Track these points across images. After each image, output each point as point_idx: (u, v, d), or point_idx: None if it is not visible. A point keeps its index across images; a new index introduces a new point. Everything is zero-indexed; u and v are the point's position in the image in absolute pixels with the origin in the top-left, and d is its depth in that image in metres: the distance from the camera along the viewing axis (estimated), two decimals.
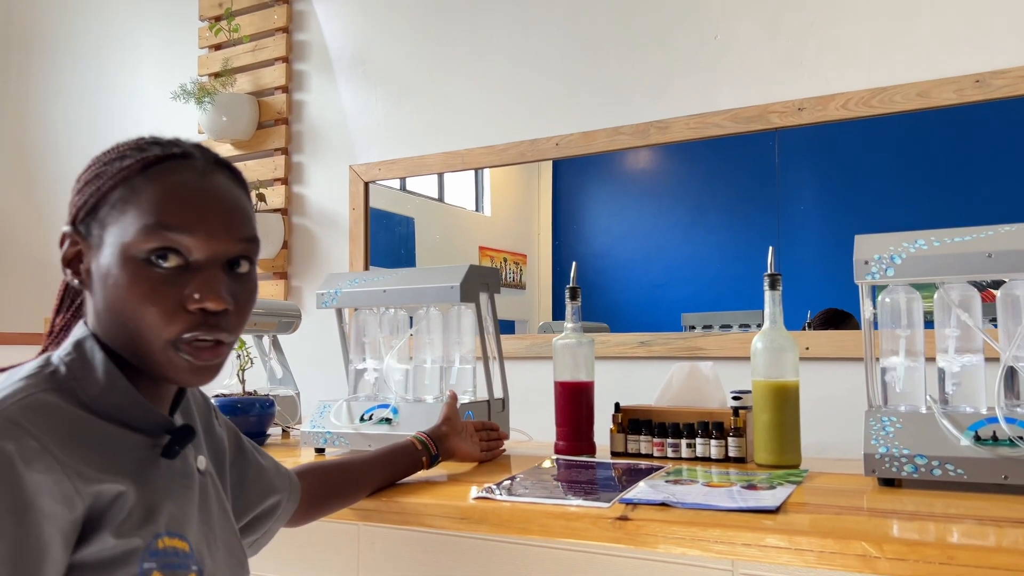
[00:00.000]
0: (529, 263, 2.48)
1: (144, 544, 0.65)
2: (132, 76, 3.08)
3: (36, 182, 3.29)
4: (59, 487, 0.60)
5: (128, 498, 0.64)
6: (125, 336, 0.70)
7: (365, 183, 2.54)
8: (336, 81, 2.62)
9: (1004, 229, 0.92)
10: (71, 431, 0.64)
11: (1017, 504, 0.86)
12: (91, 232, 0.72)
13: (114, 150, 0.76)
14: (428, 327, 1.33)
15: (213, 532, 0.75)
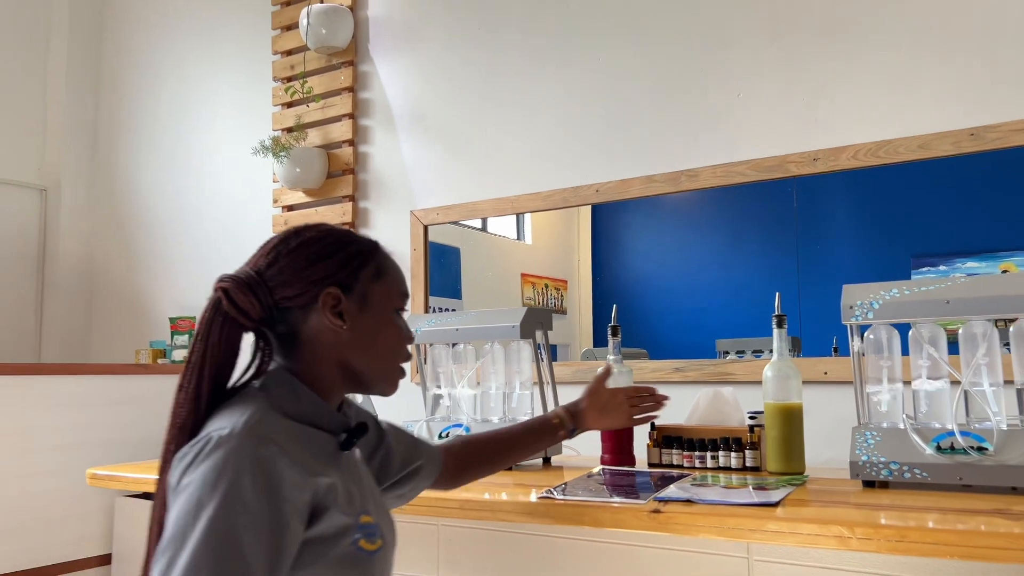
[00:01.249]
0: (570, 288, 2.64)
1: (353, 521, 0.89)
2: (211, 131, 3.43)
3: (127, 229, 3.65)
4: (295, 479, 0.83)
5: (337, 486, 0.89)
6: (340, 366, 0.96)
7: (424, 226, 2.82)
8: (397, 135, 2.92)
9: (960, 281, 1.15)
10: (291, 436, 0.88)
11: (968, 499, 1.09)
12: (354, 288, 0.97)
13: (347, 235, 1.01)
14: (493, 359, 1.60)
15: (376, 502, 0.99)
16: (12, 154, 3.62)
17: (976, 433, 1.12)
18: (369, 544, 0.90)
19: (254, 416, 0.87)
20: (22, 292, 3.61)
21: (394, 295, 0.98)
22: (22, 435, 2.71)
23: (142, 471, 1.70)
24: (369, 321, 0.95)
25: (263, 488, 0.81)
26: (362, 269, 0.97)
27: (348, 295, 0.95)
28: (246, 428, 0.84)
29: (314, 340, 0.95)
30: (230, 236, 3.31)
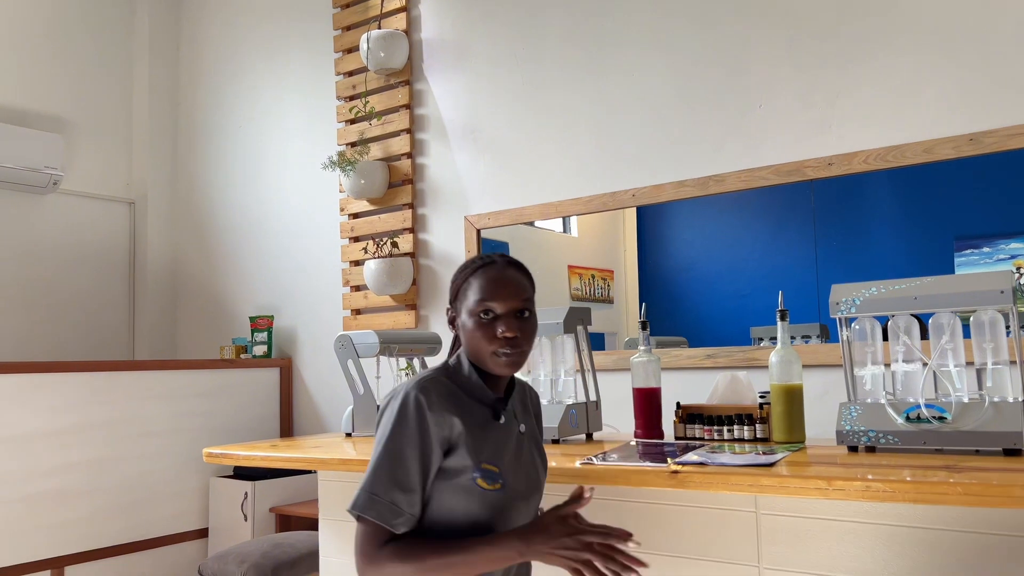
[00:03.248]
0: (616, 278, 2.80)
1: (474, 463, 1.26)
2: (281, 145, 3.77)
3: (207, 237, 4.02)
4: (437, 419, 1.24)
5: (465, 436, 1.27)
6: (474, 354, 1.33)
7: (477, 230, 3.11)
8: (451, 147, 3.21)
9: (927, 280, 1.39)
10: (447, 394, 1.28)
11: (929, 459, 1.33)
12: (457, 306, 1.36)
13: (466, 263, 1.39)
14: (541, 350, 1.88)
15: (519, 464, 1.34)
16: (104, 172, 4.01)
17: (939, 405, 1.36)
18: (486, 484, 1.26)
19: (426, 376, 1.30)
20: (116, 296, 4.02)
21: (473, 304, 1.31)
22: (125, 424, 3.09)
23: (249, 449, 2.02)
24: (463, 326, 1.33)
25: (416, 420, 1.23)
26: (458, 291, 1.36)
27: (455, 310, 1.36)
28: (414, 382, 1.28)
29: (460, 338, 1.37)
30: (301, 242, 3.66)
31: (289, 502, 3.22)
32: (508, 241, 3.06)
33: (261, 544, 2.53)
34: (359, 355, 2.20)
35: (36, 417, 2.85)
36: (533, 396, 1.50)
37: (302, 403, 3.61)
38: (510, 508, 1.30)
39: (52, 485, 2.88)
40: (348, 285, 3.45)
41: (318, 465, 1.82)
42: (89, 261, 3.92)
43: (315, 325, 3.59)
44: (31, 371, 2.86)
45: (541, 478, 1.40)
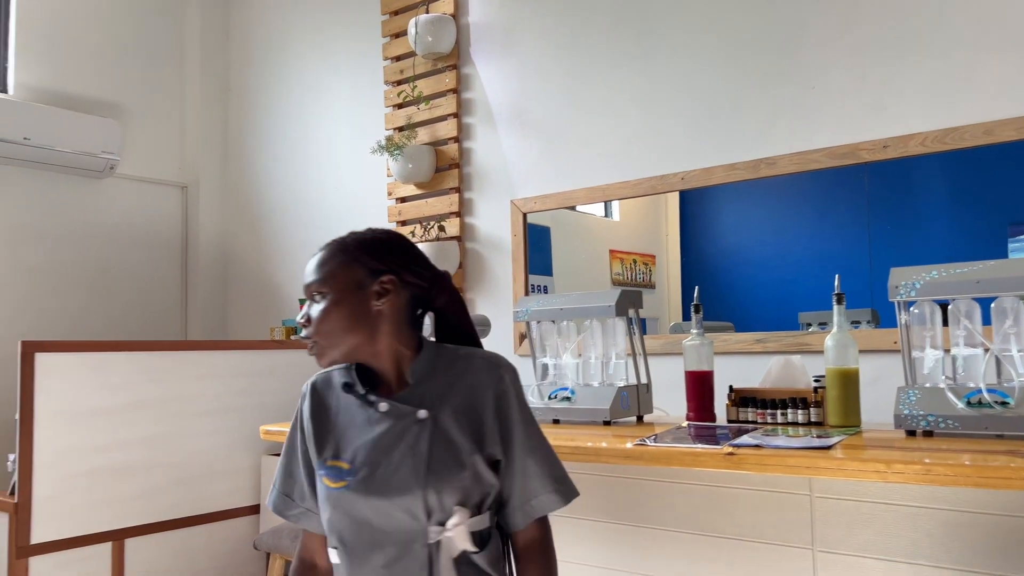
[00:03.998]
0: (658, 263, 2.79)
1: (320, 459, 1.25)
2: (329, 130, 3.82)
3: (257, 220, 4.10)
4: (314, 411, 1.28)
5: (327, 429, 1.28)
6: None
7: (523, 214, 3.12)
8: (497, 131, 3.22)
9: (989, 264, 1.37)
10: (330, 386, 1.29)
11: (990, 444, 1.32)
12: None
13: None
14: (592, 333, 1.89)
15: (390, 459, 1.19)
16: (157, 157, 4.10)
17: (1001, 390, 1.35)
18: (331, 481, 1.21)
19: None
20: (169, 278, 4.12)
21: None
22: (179, 402, 3.18)
23: None
24: None
25: (298, 411, 1.31)
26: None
27: None
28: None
29: None
30: (349, 225, 3.69)
31: None
32: (550, 225, 3.07)
33: None
34: None
35: (95, 394, 2.94)
36: (485, 382, 1.25)
37: None
38: (362, 510, 1.19)
39: (111, 460, 2.98)
40: None
41: None
42: (143, 243, 4.02)
43: None
44: (91, 350, 2.95)
45: (415, 478, 1.18)
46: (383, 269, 1.24)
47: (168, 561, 3.11)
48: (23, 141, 3.44)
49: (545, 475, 1.25)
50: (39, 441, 2.77)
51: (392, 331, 1.24)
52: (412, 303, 1.28)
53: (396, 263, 1.25)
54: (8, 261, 3.54)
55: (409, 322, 1.27)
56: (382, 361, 1.25)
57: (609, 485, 1.77)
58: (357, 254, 1.25)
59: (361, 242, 1.26)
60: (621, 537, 1.76)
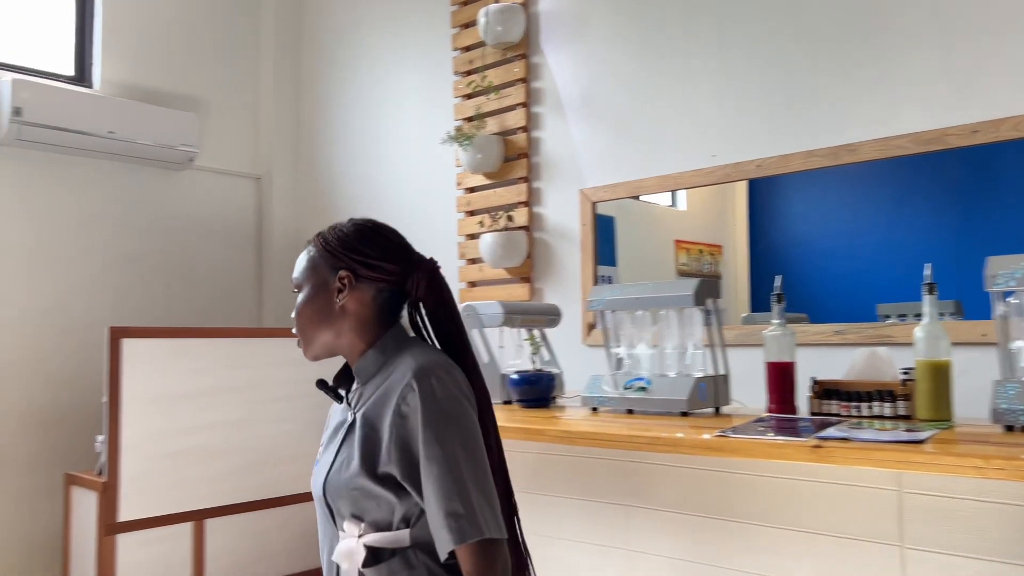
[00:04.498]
0: (725, 254, 2.74)
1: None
2: (398, 121, 3.86)
3: (328, 210, 4.17)
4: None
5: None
6: None
7: (592, 203, 3.10)
8: (567, 120, 3.21)
9: None
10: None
11: None
12: None
13: None
14: (669, 323, 1.87)
15: (323, 459, 1.25)
16: (232, 149, 4.21)
17: None
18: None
19: None
20: (244, 267, 4.23)
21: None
22: (256, 388, 3.27)
23: None
24: None
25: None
26: None
27: None
28: None
29: None
30: (418, 215, 3.74)
31: None
32: (615, 215, 3.04)
33: None
34: (483, 324, 2.25)
35: (178, 379, 3.05)
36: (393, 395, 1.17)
37: None
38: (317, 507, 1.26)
39: (193, 443, 3.08)
40: (463, 258, 3.51)
41: None
42: (220, 233, 4.14)
43: None
44: (173, 336, 3.05)
45: (322, 483, 1.22)
46: (340, 265, 1.24)
47: (245, 541, 3.21)
48: (108, 135, 3.57)
49: (441, 510, 1.10)
50: (125, 423, 2.88)
51: (355, 327, 1.24)
52: (391, 298, 1.25)
53: (353, 258, 1.24)
54: (96, 251, 3.68)
55: (378, 318, 1.24)
56: (351, 358, 1.26)
57: (686, 477, 1.76)
58: (323, 250, 1.26)
59: (326, 239, 1.27)
60: (699, 530, 1.74)
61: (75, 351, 3.57)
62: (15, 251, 3.44)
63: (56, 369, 3.53)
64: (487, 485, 1.13)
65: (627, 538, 1.87)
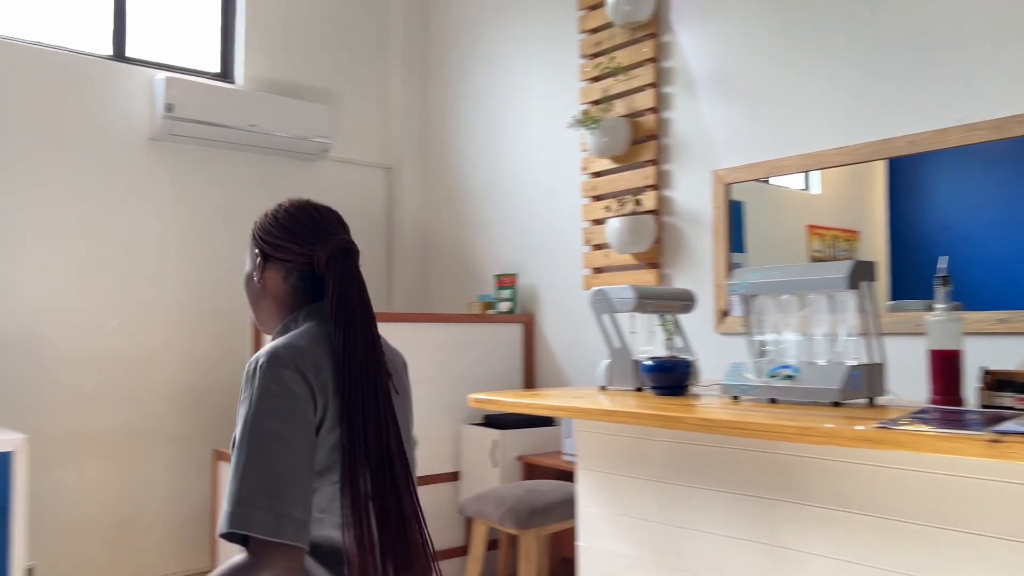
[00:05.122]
0: (862, 240, 2.58)
1: None
2: (524, 106, 3.85)
3: (455, 198, 4.23)
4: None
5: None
6: None
7: (726, 185, 2.98)
8: (698, 99, 3.10)
9: None
10: None
11: None
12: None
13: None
14: (819, 308, 1.77)
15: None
16: (364, 140, 4.33)
17: None
18: None
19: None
20: (375, 254, 4.35)
21: None
22: None
23: (514, 396, 2.10)
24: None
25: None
26: None
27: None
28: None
29: None
30: (544, 200, 3.73)
31: (534, 452, 3.33)
32: (744, 200, 2.92)
33: (516, 489, 2.64)
34: (614, 309, 2.20)
35: None
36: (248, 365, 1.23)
37: (543, 358, 3.71)
38: None
39: None
40: (589, 244, 3.47)
41: (581, 414, 1.85)
42: (353, 223, 4.27)
43: (556, 283, 3.66)
44: None
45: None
46: (256, 246, 1.31)
47: None
48: (249, 128, 3.74)
49: (230, 491, 1.08)
50: None
51: (272, 305, 1.30)
52: (302, 277, 1.28)
53: (264, 239, 1.29)
54: (240, 239, 3.88)
55: (292, 297, 1.28)
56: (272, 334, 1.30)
57: (836, 471, 1.65)
58: (251, 232, 1.34)
59: (255, 221, 1.35)
60: (851, 527, 1.63)
61: (222, 335, 3.78)
62: (170, 240, 3.67)
63: (204, 352, 3.75)
64: (275, 482, 1.06)
65: (772, 533, 1.78)
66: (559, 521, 2.56)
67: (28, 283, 3.31)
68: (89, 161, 3.49)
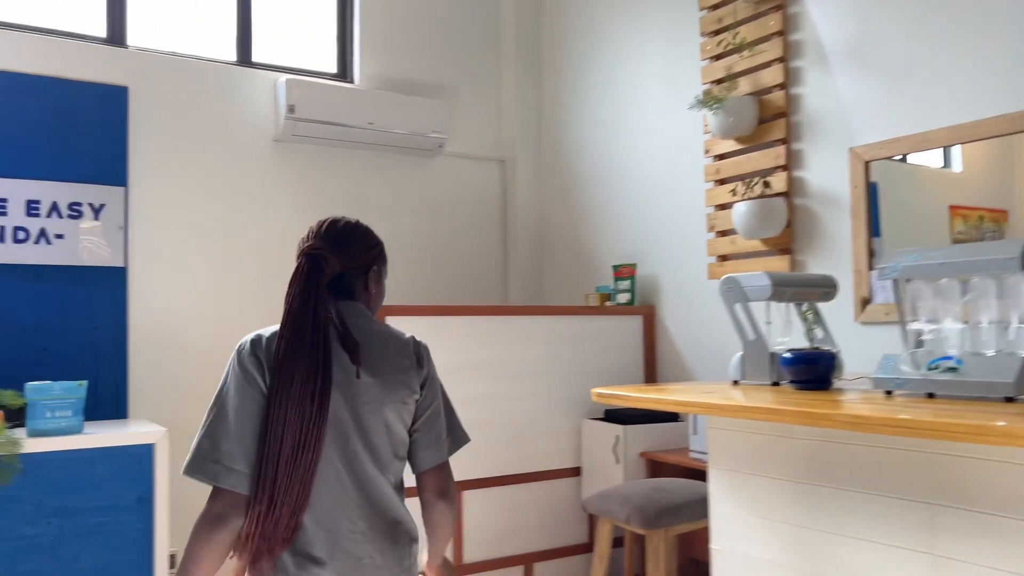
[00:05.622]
0: (1012, 219, 2.37)
1: None
2: (640, 91, 3.72)
3: (569, 189, 4.15)
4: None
5: None
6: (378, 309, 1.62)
7: (865, 162, 2.76)
8: (832, 72, 2.89)
9: None
10: None
11: None
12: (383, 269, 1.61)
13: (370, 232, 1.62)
14: (986, 293, 1.58)
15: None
16: (478, 134, 4.32)
17: None
18: None
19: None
20: (491, 247, 4.33)
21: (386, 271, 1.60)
22: (506, 364, 3.31)
23: (639, 391, 2.01)
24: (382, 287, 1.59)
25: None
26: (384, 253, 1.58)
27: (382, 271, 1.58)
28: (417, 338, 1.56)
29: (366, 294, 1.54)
30: (663, 188, 3.59)
31: (657, 448, 3.22)
32: (878, 181, 2.71)
33: (641, 487, 2.54)
34: (747, 298, 2.06)
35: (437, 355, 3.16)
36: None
37: (664, 351, 3.58)
38: None
39: None
40: (713, 231, 3.31)
41: (717, 411, 1.74)
42: (468, 216, 4.27)
43: (678, 273, 3.52)
44: (431, 314, 3.17)
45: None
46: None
47: (500, 515, 3.28)
48: (367, 126, 3.79)
49: (192, 444, 1.36)
50: None
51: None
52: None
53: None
54: None
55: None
56: None
57: (1009, 474, 1.47)
58: None
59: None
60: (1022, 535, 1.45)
61: None
62: (295, 237, 3.77)
63: None
64: (224, 441, 1.32)
65: (931, 541, 1.62)
66: (688, 521, 2.45)
67: (165, 283, 3.47)
68: (220, 164, 3.63)
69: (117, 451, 2.62)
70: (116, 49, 3.46)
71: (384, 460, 1.39)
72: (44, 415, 2.58)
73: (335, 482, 1.35)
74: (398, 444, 1.43)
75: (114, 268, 3.35)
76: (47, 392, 2.60)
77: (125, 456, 2.63)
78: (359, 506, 1.36)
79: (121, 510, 2.64)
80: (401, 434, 1.44)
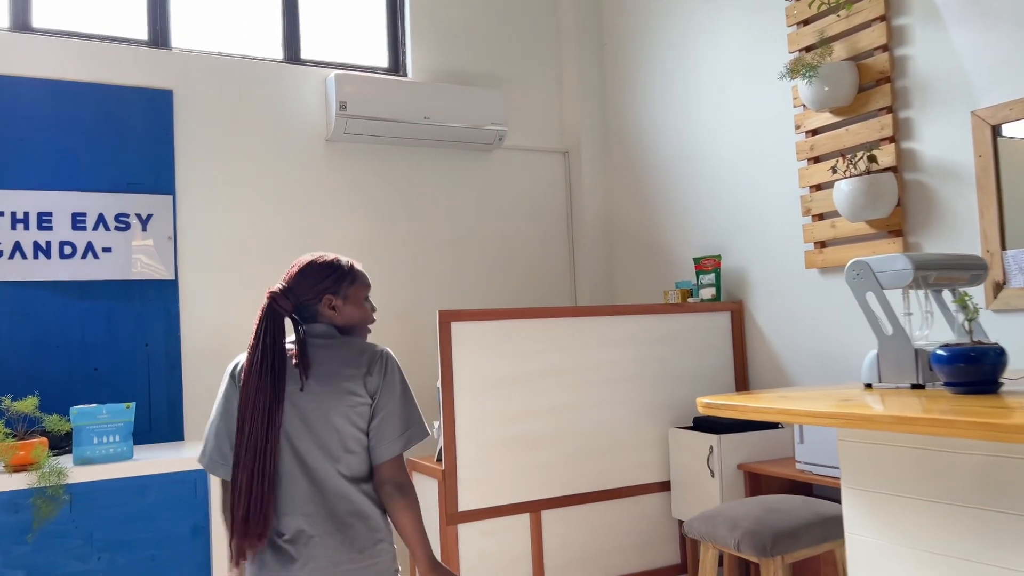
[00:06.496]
0: None
1: None
2: (717, 66, 3.40)
3: (639, 179, 3.84)
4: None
5: None
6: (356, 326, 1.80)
7: (992, 127, 2.41)
8: (946, 28, 2.54)
9: None
10: None
11: None
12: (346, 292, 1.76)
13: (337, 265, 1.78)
14: None
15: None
16: (539, 125, 4.04)
17: None
18: None
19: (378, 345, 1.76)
20: (556, 245, 4.05)
21: (361, 290, 1.77)
22: (584, 370, 3.02)
23: (754, 400, 1.70)
24: (349, 308, 1.76)
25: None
26: (343, 281, 1.75)
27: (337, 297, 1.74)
28: (381, 346, 1.74)
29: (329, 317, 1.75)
30: (743, 171, 3.26)
31: (757, 459, 2.89)
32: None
33: (751, 507, 2.23)
34: (881, 285, 1.74)
35: (505, 362, 2.90)
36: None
37: (757, 350, 3.25)
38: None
39: (523, 429, 2.92)
40: (809, 214, 2.97)
41: (867, 423, 1.42)
42: (532, 212, 4.00)
43: (769, 264, 3.18)
44: (498, 318, 2.90)
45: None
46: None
47: (585, 535, 2.99)
48: (423, 120, 3.55)
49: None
50: (458, 409, 2.79)
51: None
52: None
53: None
54: (419, 236, 3.71)
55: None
56: None
57: None
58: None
59: None
60: None
61: (407, 337, 3.61)
62: (351, 241, 3.55)
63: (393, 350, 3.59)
64: (214, 438, 1.67)
65: None
66: (807, 547, 2.12)
67: (218, 295, 3.28)
68: (270, 167, 3.43)
69: (168, 478, 2.42)
70: (159, 51, 3.29)
71: (335, 454, 1.63)
72: (91, 441, 2.40)
73: (290, 476, 1.62)
74: (348, 440, 1.64)
75: (164, 281, 3.17)
76: (94, 416, 2.41)
77: (177, 483, 2.43)
78: (310, 493, 1.62)
79: (175, 541, 2.44)
80: (351, 432, 1.64)
